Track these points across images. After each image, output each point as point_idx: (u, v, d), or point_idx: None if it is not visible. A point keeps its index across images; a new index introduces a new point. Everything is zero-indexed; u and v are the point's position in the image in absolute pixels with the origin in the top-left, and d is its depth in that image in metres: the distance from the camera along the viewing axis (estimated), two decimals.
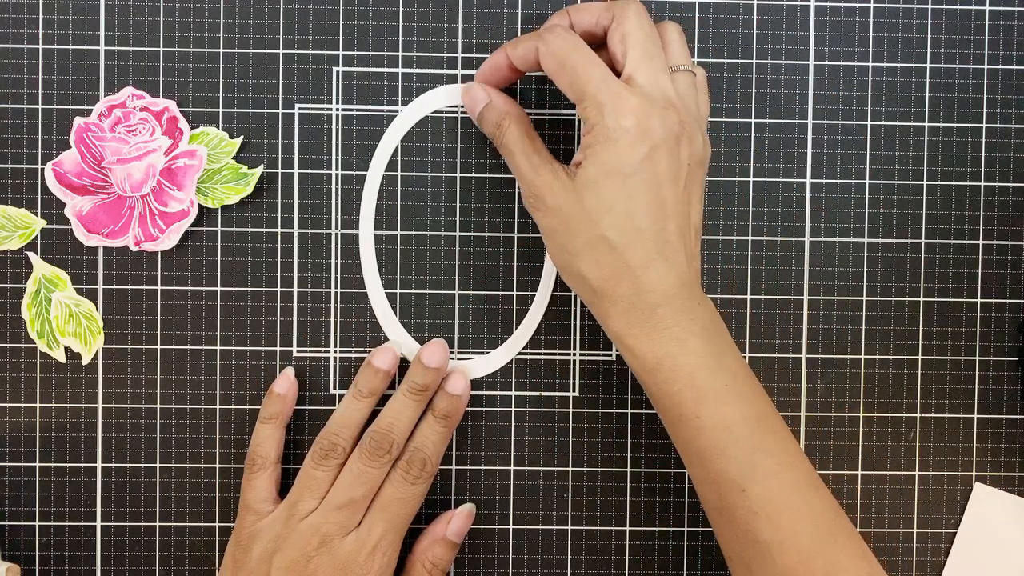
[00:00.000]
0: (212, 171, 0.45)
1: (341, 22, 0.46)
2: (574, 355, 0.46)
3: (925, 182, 0.47)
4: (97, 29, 0.45)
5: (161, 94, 0.45)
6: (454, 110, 0.46)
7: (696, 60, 0.46)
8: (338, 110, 0.46)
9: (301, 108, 0.46)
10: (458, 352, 0.46)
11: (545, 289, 0.46)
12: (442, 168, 0.46)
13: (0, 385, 0.45)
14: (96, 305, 0.45)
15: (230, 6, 0.45)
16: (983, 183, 0.47)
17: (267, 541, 0.41)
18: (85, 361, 0.45)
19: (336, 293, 0.46)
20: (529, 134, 0.42)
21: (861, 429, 0.47)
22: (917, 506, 0.47)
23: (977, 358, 0.47)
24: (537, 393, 0.46)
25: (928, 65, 0.47)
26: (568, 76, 0.40)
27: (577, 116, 0.46)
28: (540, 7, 0.46)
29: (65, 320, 0.45)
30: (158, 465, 0.46)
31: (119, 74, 0.45)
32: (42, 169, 0.45)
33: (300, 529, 0.41)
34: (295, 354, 0.46)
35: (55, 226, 0.45)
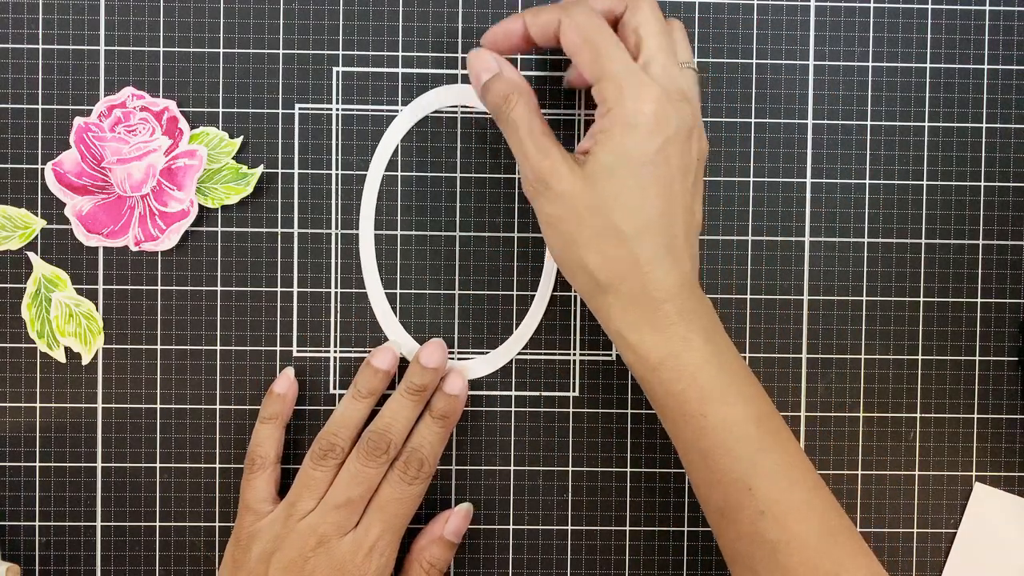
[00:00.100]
0: (212, 171, 0.45)
1: (341, 22, 0.46)
2: (574, 355, 0.46)
3: (925, 182, 0.47)
4: (97, 29, 0.45)
5: (161, 94, 0.45)
6: (454, 110, 0.46)
7: (696, 60, 0.46)
8: (338, 110, 0.46)
9: (301, 108, 0.46)
10: (458, 352, 0.46)
11: (545, 289, 0.46)
12: (442, 168, 0.46)
13: (0, 385, 0.45)
14: (96, 305, 0.45)
15: (230, 6, 0.45)
16: (983, 183, 0.47)
17: (266, 541, 0.41)
18: (85, 361, 0.45)
19: (336, 293, 0.46)
20: (537, 114, 0.40)
21: (861, 429, 0.47)
22: (917, 506, 0.47)
23: (977, 358, 0.47)
24: (537, 393, 0.46)
25: (928, 65, 0.47)
26: (590, 53, 0.38)
27: (577, 115, 0.46)
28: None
29: (65, 320, 0.45)
30: (158, 465, 0.46)
31: (119, 74, 0.45)
32: (42, 169, 0.45)
33: (298, 529, 0.41)
34: (295, 354, 0.46)
35: (55, 226, 0.45)
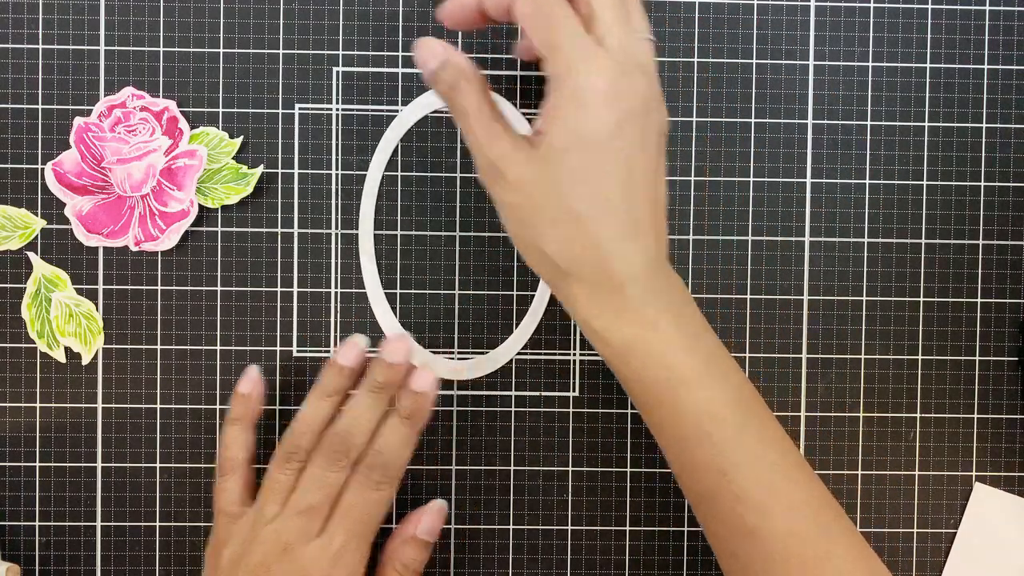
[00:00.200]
0: (212, 171, 0.45)
1: (341, 22, 0.46)
2: (574, 355, 0.46)
3: (925, 182, 0.47)
4: (97, 29, 0.45)
5: (161, 94, 0.45)
6: None
7: (696, 60, 0.46)
8: (338, 110, 0.46)
9: (301, 108, 0.46)
10: (458, 352, 0.46)
11: (545, 289, 0.46)
12: (442, 168, 0.46)
13: (0, 385, 0.45)
14: (96, 305, 0.45)
15: (230, 6, 0.45)
16: (983, 183, 0.47)
17: (235, 545, 0.40)
18: (85, 361, 0.45)
19: (336, 293, 0.46)
20: (488, 99, 0.38)
21: (861, 429, 0.47)
22: (917, 506, 0.47)
23: (977, 358, 0.47)
24: (537, 393, 0.46)
25: (928, 65, 0.47)
26: (540, 25, 0.36)
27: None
28: None
29: (65, 320, 0.45)
30: (158, 465, 0.46)
31: (119, 74, 0.45)
32: (42, 169, 0.45)
33: (263, 535, 0.40)
34: (295, 354, 0.46)
35: (55, 226, 0.45)
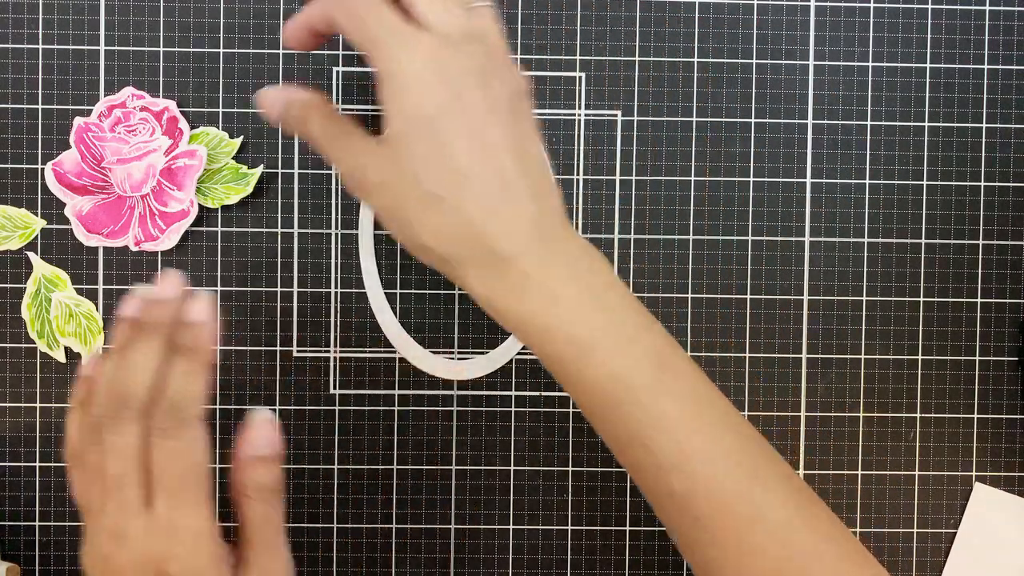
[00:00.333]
0: (212, 171, 0.45)
1: None
2: None
3: (925, 182, 0.47)
4: (97, 29, 0.45)
5: (161, 94, 0.45)
6: None
7: (696, 60, 0.46)
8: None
9: None
10: (458, 352, 0.46)
11: None
12: None
13: (0, 385, 0.45)
14: (96, 305, 0.45)
15: (230, 6, 0.45)
16: (983, 183, 0.47)
17: (87, 545, 0.36)
18: (85, 361, 0.45)
19: (336, 293, 0.46)
20: (332, 117, 0.38)
21: (861, 429, 0.47)
22: (917, 506, 0.47)
23: (977, 358, 0.47)
24: (537, 393, 0.46)
25: (928, 65, 0.47)
26: (359, 27, 0.36)
27: (577, 115, 0.46)
28: (540, 7, 0.46)
29: (65, 320, 0.45)
30: None
31: (119, 74, 0.45)
32: (42, 169, 0.45)
33: (97, 527, 0.35)
34: (295, 354, 0.46)
35: (55, 226, 0.45)
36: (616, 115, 0.46)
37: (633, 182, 0.46)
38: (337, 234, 0.46)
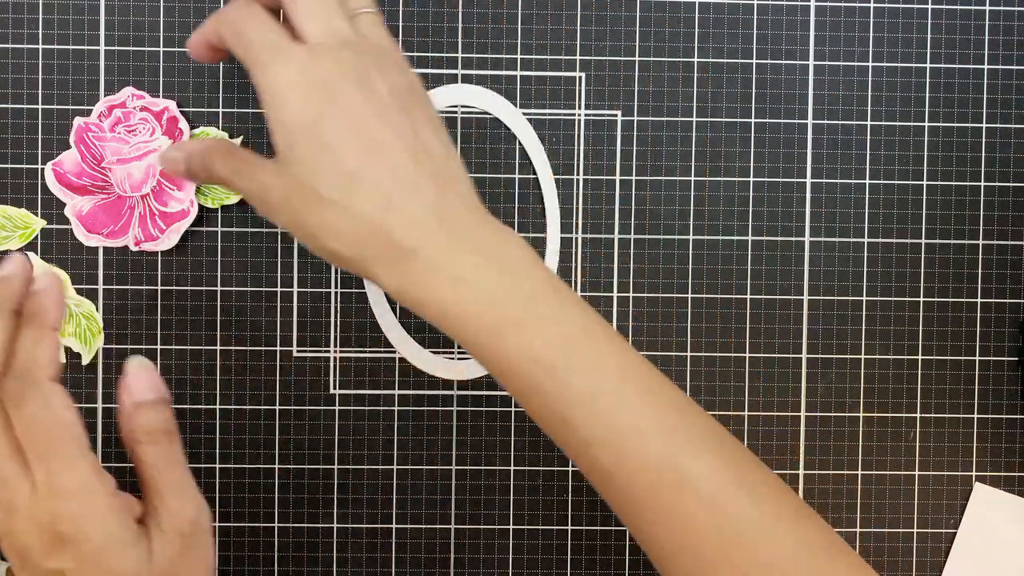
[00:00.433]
0: None
1: None
2: None
3: (925, 182, 0.47)
4: (97, 29, 0.45)
5: (161, 94, 0.45)
6: (454, 110, 0.46)
7: (696, 60, 0.46)
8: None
9: None
10: (458, 352, 0.46)
11: None
12: None
13: None
14: (96, 305, 0.45)
15: None
16: (983, 183, 0.47)
17: None
18: (85, 361, 0.45)
19: (336, 293, 0.46)
20: (232, 153, 0.39)
21: (861, 429, 0.47)
22: (917, 506, 0.47)
23: (977, 358, 0.47)
24: None
25: (928, 65, 0.47)
26: (239, 43, 0.37)
27: (577, 116, 0.46)
28: (540, 7, 0.46)
29: (65, 320, 0.45)
30: None
31: (119, 74, 0.45)
32: (42, 169, 0.45)
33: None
34: (295, 354, 0.46)
35: (55, 226, 0.45)
36: (616, 115, 0.46)
37: (633, 182, 0.46)
38: None
